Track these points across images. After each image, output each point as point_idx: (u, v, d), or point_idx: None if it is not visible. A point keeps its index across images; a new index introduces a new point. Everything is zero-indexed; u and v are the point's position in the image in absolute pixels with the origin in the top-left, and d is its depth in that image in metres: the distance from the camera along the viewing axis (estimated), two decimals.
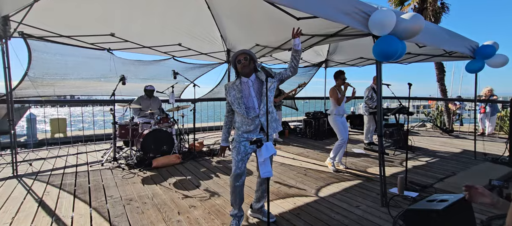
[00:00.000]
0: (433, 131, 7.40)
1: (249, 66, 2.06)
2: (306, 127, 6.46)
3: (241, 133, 2.09)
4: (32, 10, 2.97)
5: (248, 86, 2.07)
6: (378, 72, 2.64)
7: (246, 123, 2.07)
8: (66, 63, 4.47)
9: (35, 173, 3.56)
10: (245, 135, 2.08)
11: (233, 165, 2.09)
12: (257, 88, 2.09)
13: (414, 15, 2.42)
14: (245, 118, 2.06)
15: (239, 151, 2.07)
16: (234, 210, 2.17)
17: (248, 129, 2.07)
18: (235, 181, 2.09)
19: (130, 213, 2.41)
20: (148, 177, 3.40)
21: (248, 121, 2.05)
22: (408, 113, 3.81)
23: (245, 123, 2.07)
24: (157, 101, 4.91)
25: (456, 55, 4.31)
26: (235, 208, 2.16)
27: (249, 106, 2.05)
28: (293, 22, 3.10)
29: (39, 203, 2.63)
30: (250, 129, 2.07)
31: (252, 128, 2.06)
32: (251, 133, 2.07)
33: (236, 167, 2.07)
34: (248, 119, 2.04)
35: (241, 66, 2.05)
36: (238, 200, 2.13)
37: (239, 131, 2.11)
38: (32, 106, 6.82)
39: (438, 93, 9.12)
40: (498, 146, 5.24)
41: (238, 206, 2.15)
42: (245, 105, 2.03)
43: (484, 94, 6.84)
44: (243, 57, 2.05)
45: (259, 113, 2.05)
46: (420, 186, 3.02)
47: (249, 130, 2.07)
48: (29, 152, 4.76)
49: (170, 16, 3.99)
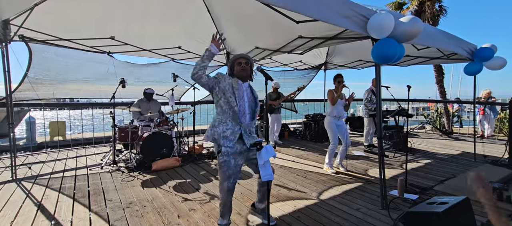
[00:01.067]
0: (433, 133, 7.41)
1: (247, 72, 2.05)
2: (306, 129, 6.46)
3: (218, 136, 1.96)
4: (32, 13, 2.98)
5: (243, 90, 2.04)
6: (377, 75, 2.65)
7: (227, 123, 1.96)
8: (66, 64, 4.49)
9: (34, 177, 3.54)
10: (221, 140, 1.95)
11: (224, 179, 1.98)
12: (250, 97, 2.07)
13: (413, 18, 2.44)
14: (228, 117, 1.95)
15: (229, 165, 1.96)
16: (224, 220, 2.11)
17: (225, 133, 1.95)
18: (228, 194, 2.02)
19: (130, 216, 2.40)
20: (147, 180, 3.39)
21: (229, 123, 1.96)
22: (408, 115, 3.82)
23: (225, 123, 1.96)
24: (156, 104, 4.92)
25: (455, 57, 4.33)
26: (225, 218, 2.11)
27: (240, 108, 1.99)
28: (292, 26, 3.12)
29: (38, 207, 2.62)
30: (226, 134, 1.95)
31: (229, 133, 1.95)
32: (227, 139, 1.95)
33: (228, 182, 1.99)
34: (233, 117, 1.95)
35: (240, 69, 2.03)
36: (229, 211, 2.11)
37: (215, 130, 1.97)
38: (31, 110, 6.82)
39: (437, 95, 9.15)
40: (498, 148, 5.25)
41: (228, 215, 2.12)
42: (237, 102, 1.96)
43: (482, 97, 6.86)
44: (245, 61, 2.04)
45: (245, 122, 1.99)
46: (420, 188, 3.02)
47: (225, 134, 1.95)
48: (28, 155, 4.74)
49: (169, 19, 4.01)
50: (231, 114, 1.97)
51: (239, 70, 2.04)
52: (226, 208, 2.09)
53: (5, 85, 3.31)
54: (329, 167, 3.72)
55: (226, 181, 1.99)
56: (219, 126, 1.99)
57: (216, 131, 1.98)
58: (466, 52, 3.88)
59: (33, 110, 7.32)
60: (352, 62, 6.50)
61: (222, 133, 1.97)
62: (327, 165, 3.74)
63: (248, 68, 2.04)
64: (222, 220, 2.11)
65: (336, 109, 3.67)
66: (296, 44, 3.94)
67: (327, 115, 3.72)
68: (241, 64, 2.04)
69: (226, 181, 1.99)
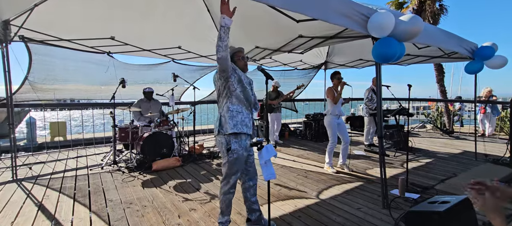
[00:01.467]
0: (434, 132, 7.39)
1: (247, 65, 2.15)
2: (306, 128, 6.45)
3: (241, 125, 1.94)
4: (32, 14, 2.98)
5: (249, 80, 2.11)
6: (378, 74, 2.65)
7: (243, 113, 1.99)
8: (66, 67, 4.48)
9: (34, 177, 3.55)
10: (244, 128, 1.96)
11: (231, 176, 2.00)
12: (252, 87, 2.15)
13: (413, 16, 2.43)
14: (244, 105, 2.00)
15: (240, 162, 2.00)
16: (224, 216, 2.09)
17: (245, 122, 1.97)
18: (231, 190, 2.04)
19: (130, 216, 2.40)
20: (148, 180, 3.39)
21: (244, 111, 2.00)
22: (408, 114, 3.80)
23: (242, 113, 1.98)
24: (157, 104, 4.92)
25: (455, 56, 4.32)
26: (226, 214, 2.10)
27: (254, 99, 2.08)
28: (292, 25, 3.11)
29: (38, 207, 2.62)
30: (246, 122, 1.98)
31: (248, 121, 2.00)
32: (249, 128, 2.00)
33: (235, 177, 2.02)
34: (248, 106, 2.03)
35: (244, 63, 2.11)
36: (229, 207, 2.10)
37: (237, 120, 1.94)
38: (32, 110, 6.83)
39: (438, 94, 9.13)
40: (499, 147, 5.23)
41: (228, 213, 2.11)
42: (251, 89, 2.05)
43: (483, 95, 6.84)
44: (244, 56, 2.13)
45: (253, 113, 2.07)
46: (421, 188, 3.01)
47: (245, 123, 1.97)
48: (28, 156, 4.75)
49: (169, 19, 4.00)
50: (246, 104, 2.02)
51: (243, 65, 2.10)
52: (225, 204, 2.08)
53: (5, 86, 3.32)
54: (330, 166, 3.72)
55: (233, 177, 2.01)
56: (237, 115, 1.98)
57: (237, 120, 1.96)
58: (466, 51, 3.87)
59: (34, 110, 7.34)
60: (353, 62, 6.48)
61: (242, 122, 1.98)
62: (328, 164, 3.74)
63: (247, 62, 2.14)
64: (222, 217, 2.10)
65: (337, 108, 3.66)
66: (296, 44, 3.93)
67: (328, 114, 3.71)
68: (244, 58, 2.11)
69: (233, 176, 2.01)
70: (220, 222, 2.10)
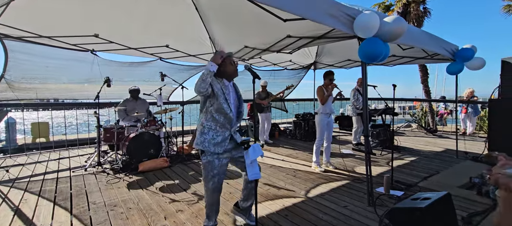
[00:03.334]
0: (418, 131, 7.64)
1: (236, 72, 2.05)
2: (296, 128, 6.50)
3: (208, 143, 1.91)
4: (8, 9, 2.83)
5: (229, 91, 2.02)
6: (364, 74, 2.70)
7: (217, 130, 1.93)
8: (46, 66, 4.28)
9: (12, 180, 3.38)
10: (211, 147, 1.91)
11: (209, 180, 1.94)
12: (234, 96, 2.05)
13: (397, 18, 2.50)
14: (218, 123, 1.92)
15: (214, 165, 1.93)
16: (210, 221, 2.05)
17: (216, 140, 1.91)
18: (214, 195, 1.97)
19: (114, 219, 2.33)
20: (134, 182, 3.31)
21: (219, 129, 1.93)
22: (394, 113, 3.91)
23: (215, 130, 1.92)
24: (144, 103, 4.80)
25: (438, 57, 4.47)
26: (212, 219, 2.06)
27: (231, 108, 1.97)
28: (280, 24, 3.12)
29: (15, 212, 2.49)
30: (218, 141, 1.91)
31: (220, 139, 1.92)
32: (219, 145, 1.92)
33: (213, 182, 1.95)
34: (224, 123, 1.93)
35: (234, 69, 2.02)
36: (216, 212, 2.07)
37: (205, 137, 1.92)
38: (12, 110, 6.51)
39: (422, 94, 9.44)
40: (478, 145, 5.47)
41: (215, 217, 2.08)
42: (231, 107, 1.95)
43: (465, 95, 7.13)
44: (235, 61, 2.04)
45: (233, 126, 1.97)
46: (405, 185, 3.10)
47: (216, 141, 1.91)
48: (6, 158, 4.52)
49: (156, 16, 3.92)
50: (222, 120, 1.93)
51: (233, 70, 2.01)
52: (212, 209, 2.04)
53: None
54: (317, 165, 3.75)
55: (211, 181, 1.96)
56: (208, 133, 1.93)
57: (206, 138, 1.92)
58: (448, 52, 4.01)
59: (14, 111, 7.00)
60: (341, 62, 6.59)
61: (212, 140, 1.92)
62: (315, 163, 3.77)
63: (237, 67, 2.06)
64: (208, 221, 2.06)
65: (328, 106, 3.71)
66: (285, 44, 3.95)
67: (318, 112, 3.74)
68: (233, 63, 2.02)
69: (211, 181, 1.96)
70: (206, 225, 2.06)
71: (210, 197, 2.00)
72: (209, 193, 1.99)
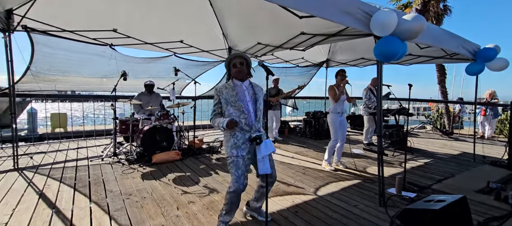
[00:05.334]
0: (433, 133, 7.41)
1: (244, 72, 1.99)
2: (306, 126, 6.47)
3: (231, 148, 1.94)
4: (35, 4, 2.98)
5: (242, 89, 2.00)
6: (379, 73, 2.65)
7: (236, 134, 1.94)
8: (69, 59, 4.49)
9: (35, 167, 3.58)
10: (233, 151, 1.92)
11: (234, 180, 1.92)
12: (251, 95, 2.02)
13: (416, 16, 2.43)
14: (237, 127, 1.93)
15: (238, 165, 1.92)
16: (227, 216, 2.04)
17: (237, 143, 1.93)
18: (236, 196, 1.95)
19: (130, 207, 2.43)
20: (147, 173, 3.42)
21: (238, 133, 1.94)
22: (408, 113, 3.81)
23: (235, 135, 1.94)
24: (157, 97, 4.93)
25: (457, 57, 4.31)
26: (229, 215, 2.04)
27: (244, 109, 1.94)
28: (295, 21, 3.11)
29: (39, 196, 2.65)
30: (239, 144, 1.93)
31: (241, 142, 1.93)
32: (240, 148, 1.93)
33: (239, 182, 1.90)
34: (242, 126, 1.93)
35: (236, 71, 1.98)
36: (234, 210, 2.05)
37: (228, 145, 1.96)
38: (33, 101, 6.86)
39: (439, 95, 9.12)
40: (498, 149, 5.25)
41: (232, 214, 2.07)
42: (242, 105, 1.94)
43: (487, 96, 6.81)
44: (239, 61, 1.99)
45: (253, 126, 1.96)
46: (418, 187, 3.04)
47: (238, 145, 1.93)
48: (29, 146, 4.78)
49: (172, 12, 4.00)
50: (240, 124, 1.94)
51: (235, 72, 2.00)
52: (229, 207, 2.01)
53: (8, 76, 3.33)
54: (328, 163, 3.74)
55: (237, 183, 1.90)
56: (230, 139, 1.96)
57: (229, 145, 1.96)
58: (468, 52, 3.86)
59: (35, 101, 7.36)
60: (354, 60, 6.47)
61: (233, 145, 1.95)
62: (326, 161, 3.76)
63: (244, 69, 1.99)
64: (226, 217, 2.04)
65: (340, 106, 3.67)
66: (299, 41, 3.93)
67: (330, 112, 3.71)
68: (236, 65, 1.98)
69: (236, 182, 1.90)
70: (222, 221, 2.05)
71: (231, 198, 1.96)
72: (232, 195, 1.94)
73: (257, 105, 2.02)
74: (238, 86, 2.00)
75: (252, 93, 2.03)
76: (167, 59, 5.49)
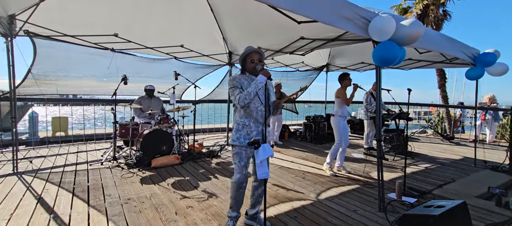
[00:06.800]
0: (434, 138, 7.38)
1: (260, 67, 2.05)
2: (306, 130, 6.46)
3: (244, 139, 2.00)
4: (37, 9, 3.02)
5: None
6: (378, 77, 2.66)
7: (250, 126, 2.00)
8: (70, 63, 4.53)
9: (35, 171, 3.58)
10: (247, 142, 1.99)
11: (237, 171, 2.06)
12: (262, 91, 2.06)
13: (414, 21, 2.45)
14: (251, 118, 2.00)
15: (241, 157, 2.03)
16: (233, 212, 2.14)
17: (250, 136, 1.99)
18: (239, 187, 2.06)
19: (128, 212, 2.42)
20: (147, 177, 3.42)
21: (252, 125, 2.01)
22: (408, 118, 3.81)
23: (249, 126, 2.01)
24: (158, 101, 4.95)
25: (457, 62, 4.32)
26: (235, 210, 2.14)
27: (262, 102, 2.02)
28: (294, 26, 3.14)
29: (38, 200, 2.65)
30: (252, 136, 2.00)
31: (255, 134, 2.01)
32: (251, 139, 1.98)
33: (241, 173, 2.04)
34: (257, 118, 2.01)
35: (252, 67, 2.03)
36: (239, 204, 2.14)
37: (241, 134, 2.02)
38: (34, 105, 6.88)
39: (439, 100, 9.12)
40: (499, 154, 5.22)
41: (237, 208, 2.15)
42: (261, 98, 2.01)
43: (487, 101, 6.80)
44: (258, 58, 2.04)
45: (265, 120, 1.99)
46: (418, 192, 3.01)
47: (251, 137, 1.99)
48: (30, 150, 4.79)
49: (173, 17, 4.04)
50: (254, 115, 2.00)
51: (251, 68, 2.04)
52: (238, 202, 2.11)
53: (9, 80, 3.35)
54: (329, 167, 3.71)
55: (239, 173, 2.03)
56: (243, 129, 2.02)
57: (241, 134, 2.02)
58: (468, 57, 3.87)
59: (37, 105, 7.39)
60: (354, 65, 6.49)
61: (247, 136, 2.01)
62: (327, 164, 3.73)
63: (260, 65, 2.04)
64: (232, 212, 2.14)
65: (346, 109, 3.67)
66: (298, 45, 3.96)
67: (335, 115, 3.69)
68: (254, 61, 2.03)
69: (239, 173, 2.03)
70: (229, 216, 2.16)
71: (234, 189, 2.07)
72: (235, 185, 2.06)
73: (269, 100, 2.08)
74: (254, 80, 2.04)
75: (265, 89, 2.05)
76: (167, 62, 5.53)
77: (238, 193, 2.09)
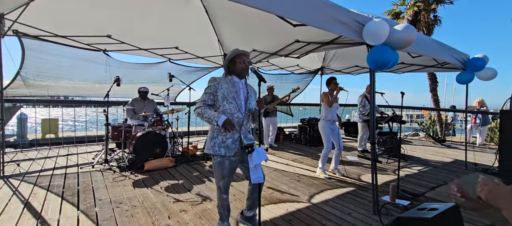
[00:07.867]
0: (426, 140, 7.49)
1: (248, 70, 2.00)
2: (301, 133, 6.47)
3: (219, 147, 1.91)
4: (27, 9, 2.94)
5: (239, 87, 2.00)
6: (372, 81, 2.68)
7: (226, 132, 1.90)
8: (60, 64, 4.41)
9: (22, 174, 3.47)
10: (222, 150, 1.90)
11: (220, 181, 1.97)
12: (245, 94, 2.02)
13: (407, 26, 2.49)
14: None
15: (224, 166, 1.94)
16: (224, 222, 2.09)
17: (226, 143, 1.90)
18: (223, 196, 2.01)
19: (119, 216, 2.36)
20: (139, 180, 3.35)
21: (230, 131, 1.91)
22: (401, 121, 3.86)
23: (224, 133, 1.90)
24: (151, 103, 4.88)
25: (448, 66, 4.41)
26: (225, 220, 2.09)
27: (240, 108, 1.96)
28: (289, 29, 3.14)
29: (24, 205, 2.56)
30: (227, 144, 1.90)
31: (230, 142, 1.91)
32: (229, 148, 1.90)
33: (224, 182, 1.97)
34: (234, 121, 1.91)
35: (244, 68, 1.96)
36: (227, 213, 2.09)
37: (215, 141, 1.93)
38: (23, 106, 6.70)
39: (431, 103, 9.28)
40: (489, 156, 5.33)
41: (227, 218, 2.11)
42: (240, 104, 1.95)
43: (474, 105, 6.98)
44: (248, 60, 2.00)
45: (243, 123, 1.95)
46: (411, 195, 3.04)
47: (226, 144, 1.90)
48: (17, 152, 4.65)
49: (167, 19, 4.00)
50: (235, 113, 1.92)
51: (242, 68, 1.96)
52: (224, 209, 2.06)
53: None
54: (322, 171, 3.73)
55: (221, 181, 1.98)
56: (218, 136, 1.93)
57: (216, 142, 1.93)
58: (458, 61, 3.95)
59: (26, 106, 7.21)
60: (349, 68, 6.56)
61: (222, 143, 1.92)
62: (320, 169, 3.75)
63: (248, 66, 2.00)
64: (222, 223, 2.09)
65: (331, 113, 3.68)
66: (293, 48, 3.97)
67: (321, 119, 3.74)
68: (245, 62, 1.95)
69: (221, 180, 1.98)
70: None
71: (220, 197, 2.02)
72: (219, 193, 2.02)
73: (246, 105, 2.01)
74: (237, 84, 2.00)
75: (246, 93, 2.04)
76: (161, 65, 5.46)
77: (225, 201, 2.03)
